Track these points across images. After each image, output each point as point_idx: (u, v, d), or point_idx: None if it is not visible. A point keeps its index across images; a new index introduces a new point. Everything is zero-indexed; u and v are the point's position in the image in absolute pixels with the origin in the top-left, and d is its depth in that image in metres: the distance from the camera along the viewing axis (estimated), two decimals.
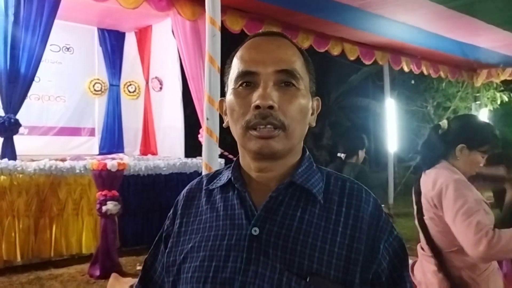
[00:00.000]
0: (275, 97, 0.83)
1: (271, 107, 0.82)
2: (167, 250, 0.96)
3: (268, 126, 0.82)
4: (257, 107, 0.82)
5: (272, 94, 0.82)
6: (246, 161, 0.91)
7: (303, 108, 0.87)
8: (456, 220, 1.80)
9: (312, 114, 0.93)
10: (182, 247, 0.92)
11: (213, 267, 0.84)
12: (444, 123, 2.08)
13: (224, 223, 0.89)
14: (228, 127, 0.92)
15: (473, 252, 1.73)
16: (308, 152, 0.95)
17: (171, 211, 1.01)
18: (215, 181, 0.97)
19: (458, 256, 1.86)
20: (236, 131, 0.88)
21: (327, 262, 0.81)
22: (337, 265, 0.81)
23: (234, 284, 0.81)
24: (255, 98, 0.83)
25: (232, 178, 0.92)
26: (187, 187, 1.03)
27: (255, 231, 0.84)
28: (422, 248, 2.05)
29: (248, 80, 0.85)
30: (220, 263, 0.84)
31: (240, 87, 0.86)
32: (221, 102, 0.97)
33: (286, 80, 0.85)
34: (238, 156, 0.95)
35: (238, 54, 0.91)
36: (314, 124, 0.93)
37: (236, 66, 0.89)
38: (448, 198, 1.86)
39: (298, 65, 0.88)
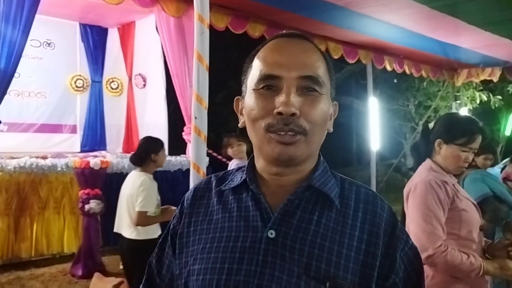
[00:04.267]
0: (297, 103, 0.81)
1: (293, 114, 0.80)
2: (177, 251, 0.94)
3: (289, 132, 0.81)
4: (280, 113, 0.80)
5: (295, 100, 0.81)
6: (261, 163, 0.90)
7: (325, 113, 0.86)
8: (414, 221, 1.92)
9: (330, 119, 0.91)
10: (192, 248, 0.90)
11: (226, 269, 0.83)
12: (431, 124, 2.14)
13: (237, 224, 0.87)
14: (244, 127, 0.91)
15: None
16: (322, 157, 0.94)
17: (177, 211, 0.99)
18: (227, 182, 0.95)
19: None
20: (254, 131, 0.86)
21: (345, 266, 0.81)
22: (354, 269, 0.81)
23: (249, 287, 0.80)
24: (278, 104, 0.81)
25: (247, 179, 0.90)
26: (194, 186, 1.01)
27: (271, 233, 0.83)
28: None
29: (270, 83, 0.84)
30: (234, 266, 0.82)
31: (262, 89, 0.84)
32: (237, 101, 0.95)
33: (309, 86, 0.84)
34: (253, 157, 0.93)
35: (260, 54, 0.89)
36: (331, 130, 0.92)
37: (258, 67, 0.86)
38: (413, 197, 1.96)
39: (322, 70, 0.86)
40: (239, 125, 0.94)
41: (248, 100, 0.87)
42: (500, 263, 1.86)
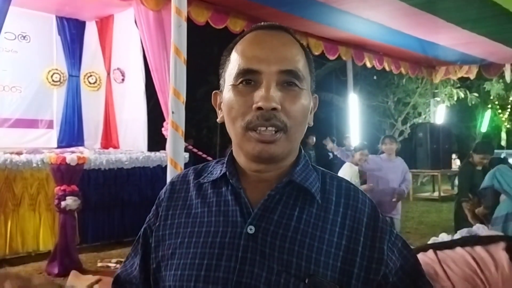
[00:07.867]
0: (277, 98, 0.80)
1: (274, 109, 0.79)
2: (153, 245, 0.91)
3: (270, 128, 0.79)
4: (260, 108, 0.79)
5: (275, 95, 0.79)
6: (241, 159, 0.88)
7: (305, 108, 0.84)
8: None
9: (311, 113, 0.90)
10: (169, 241, 0.88)
11: (205, 265, 0.81)
12: None
13: (216, 219, 0.85)
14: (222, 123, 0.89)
15: None
16: (303, 151, 0.93)
17: (155, 204, 0.96)
18: (205, 174, 0.93)
19: None
20: (233, 130, 0.84)
21: (324, 263, 0.80)
22: (333, 266, 0.80)
23: (228, 284, 0.78)
24: (257, 99, 0.79)
25: (227, 173, 0.88)
26: (171, 179, 0.99)
27: (250, 229, 0.81)
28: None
29: (249, 78, 0.81)
30: (213, 262, 0.81)
31: (241, 85, 0.82)
32: (215, 95, 0.92)
33: (289, 81, 0.82)
34: (232, 150, 0.91)
35: (239, 47, 0.86)
36: (312, 123, 0.90)
37: (236, 61, 0.84)
38: None
39: (302, 64, 0.85)
40: (218, 120, 0.92)
41: (227, 97, 0.84)
42: None
